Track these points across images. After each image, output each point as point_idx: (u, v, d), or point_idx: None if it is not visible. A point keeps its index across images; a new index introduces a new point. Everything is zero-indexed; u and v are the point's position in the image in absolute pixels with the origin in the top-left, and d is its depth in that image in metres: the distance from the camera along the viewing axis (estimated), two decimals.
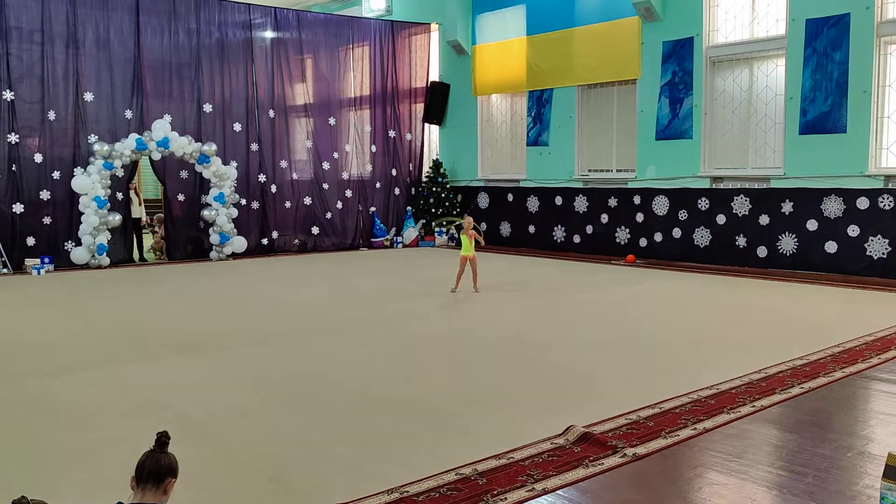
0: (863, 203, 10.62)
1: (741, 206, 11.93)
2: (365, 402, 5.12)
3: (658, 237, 13.07)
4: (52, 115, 12.42)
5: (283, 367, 6.12)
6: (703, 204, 12.38)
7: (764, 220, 11.66)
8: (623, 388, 5.37)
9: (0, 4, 11.89)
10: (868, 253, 10.64)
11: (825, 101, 10.94)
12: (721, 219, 12.17)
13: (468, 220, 9.97)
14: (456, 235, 9.33)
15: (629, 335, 7.17)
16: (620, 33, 13.35)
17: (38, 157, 12.36)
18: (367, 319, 8.09)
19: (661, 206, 12.99)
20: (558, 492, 3.64)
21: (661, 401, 4.99)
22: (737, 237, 12.00)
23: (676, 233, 12.79)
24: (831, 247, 10.97)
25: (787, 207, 11.38)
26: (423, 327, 7.72)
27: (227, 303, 9.31)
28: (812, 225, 11.15)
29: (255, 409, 4.99)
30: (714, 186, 12.32)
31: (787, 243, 11.43)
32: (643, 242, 13.29)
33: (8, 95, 12.04)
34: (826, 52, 10.89)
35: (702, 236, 12.46)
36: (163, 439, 2.74)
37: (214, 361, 6.30)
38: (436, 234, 16.28)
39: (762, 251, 11.72)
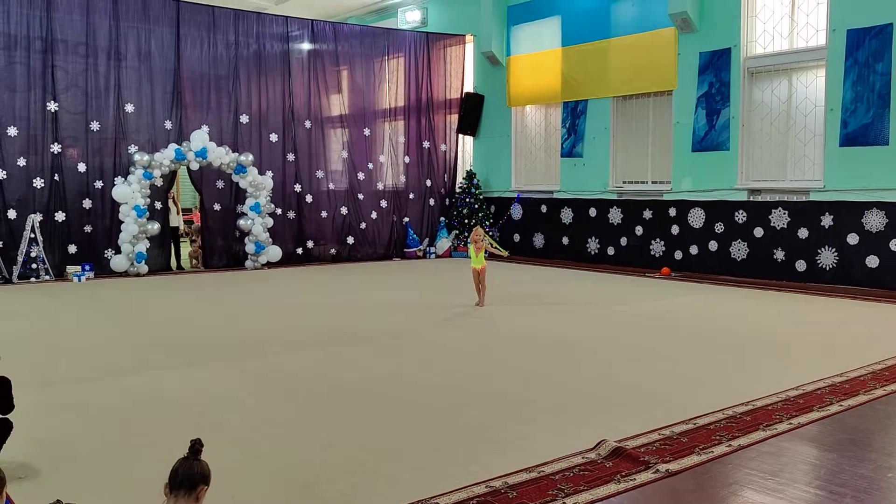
0: None
1: (779, 219, 11.75)
2: (396, 411, 5.13)
3: (694, 250, 12.92)
4: (94, 126, 12.72)
5: (315, 374, 6.16)
6: (741, 217, 12.21)
7: (803, 233, 11.47)
8: (656, 402, 5.31)
9: (47, 18, 12.23)
10: None
11: (867, 113, 10.75)
12: (759, 232, 12.00)
13: (476, 231, 9.82)
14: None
15: (663, 348, 7.08)
16: (656, 44, 13.28)
17: (82, 167, 12.66)
18: (400, 329, 8.11)
19: (697, 218, 12.85)
20: None
21: (694, 416, 4.92)
22: (775, 251, 11.82)
23: (713, 246, 12.63)
24: (873, 261, 10.74)
25: (827, 221, 11.18)
26: (454, 337, 7.72)
27: (261, 311, 9.41)
28: (853, 239, 10.93)
29: (288, 416, 5.04)
30: (752, 199, 12.15)
31: (827, 257, 11.22)
32: (678, 255, 13.15)
33: (52, 106, 12.36)
34: (868, 62, 10.71)
35: (739, 249, 12.29)
36: (196, 447, 2.78)
37: (248, 368, 6.36)
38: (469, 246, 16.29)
39: (801, 265, 11.51)
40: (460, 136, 17.20)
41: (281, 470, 4.06)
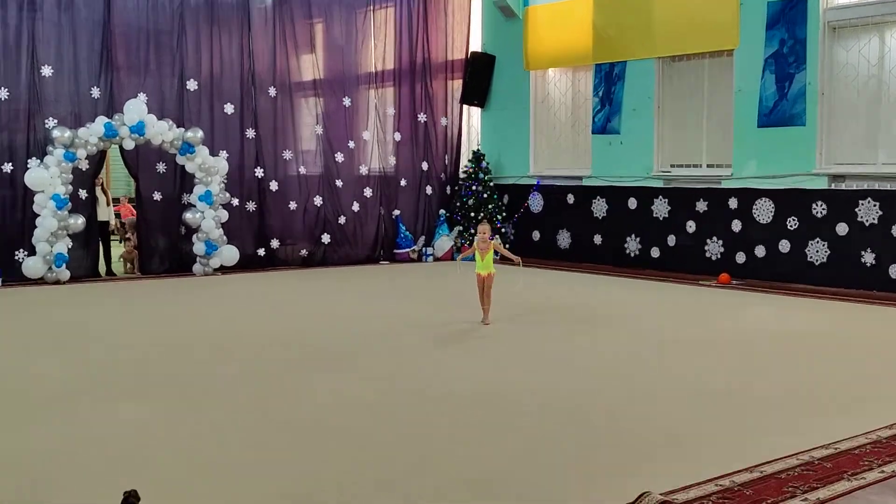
0: None
1: (868, 212, 11.76)
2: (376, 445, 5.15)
3: (760, 251, 12.94)
4: (2, 94, 12.71)
5: (287, 405, 6.17)
6: (820, 209, 12.23)
7: None
8: (714, 445, 5.32)
9: None
10: None
11: None
12: (842, 228, 12.01)
13: (483, 229, 9.72)
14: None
15: (722, 380, 7.10)
16: None
17: None
18: (386, 348, 8.17)
19: (764, 211, 12.87)
20: None
21: (761, 462, 4.92)
22: (863, 252, 11.83)
23: (784, 246, 12.65)
24: None
25: None
26: (462, 365, 7.74)
27: (213, 330, 9.43)
28: None
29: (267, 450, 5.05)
30: (834, 187, 12.17)
31: None
32: (741, 258, 13.17)
33: None
34: None
35: (817, 251, 12.31)
36: (131, 500, 2.80)
37: (196, 404, 6.37)
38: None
39: (895, 270, 11.54)
40: (465, 107, 17.23)
41: None
